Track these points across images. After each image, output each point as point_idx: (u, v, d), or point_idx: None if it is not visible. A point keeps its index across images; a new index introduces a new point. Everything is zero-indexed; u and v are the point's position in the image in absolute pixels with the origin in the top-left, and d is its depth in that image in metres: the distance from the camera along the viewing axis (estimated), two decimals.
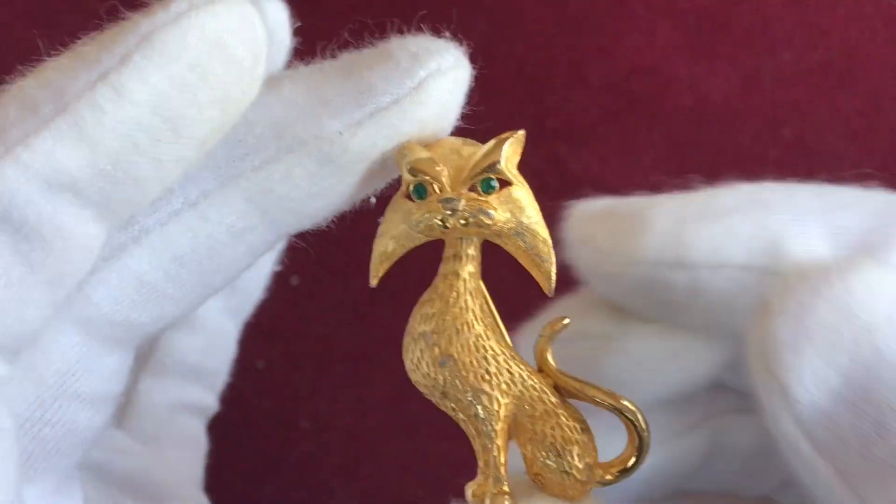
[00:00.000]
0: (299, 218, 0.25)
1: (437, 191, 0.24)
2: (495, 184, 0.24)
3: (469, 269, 0.24)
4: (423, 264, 0.27)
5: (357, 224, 0.26)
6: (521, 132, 0.24)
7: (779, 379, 0.21)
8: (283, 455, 0.45)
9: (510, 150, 0.24)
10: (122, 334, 0.25)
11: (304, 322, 0.44)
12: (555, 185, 0.42)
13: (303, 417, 0.45)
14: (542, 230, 0.24)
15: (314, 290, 0.44)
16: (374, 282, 0.25)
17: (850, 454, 0.21)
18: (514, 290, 0.26)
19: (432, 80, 0.24)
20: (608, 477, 0.24)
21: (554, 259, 0.24)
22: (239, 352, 0.35)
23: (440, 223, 0.23)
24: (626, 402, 0.24)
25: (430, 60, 0.24)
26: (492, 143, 0.24)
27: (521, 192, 0.24)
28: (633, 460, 0.24)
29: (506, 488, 0.24)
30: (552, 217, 0.25)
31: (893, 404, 0.20)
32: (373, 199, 0.26)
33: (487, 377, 0.24)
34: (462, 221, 0.23)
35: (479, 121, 0.25)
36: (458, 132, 0.25)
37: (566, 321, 0.24)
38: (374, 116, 0.24)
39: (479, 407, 0.24)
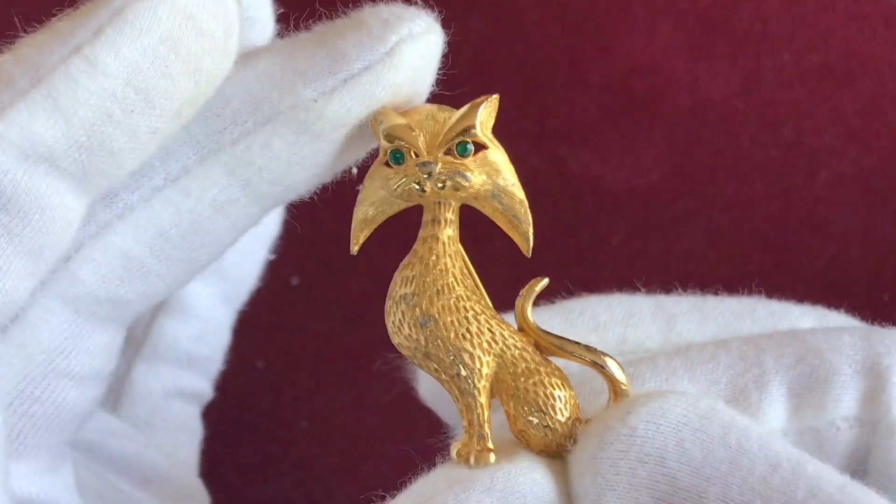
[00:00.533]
0: (281, 189, 0.26)
1: (414, 156, 0.24)
2: (471, 147, 0.24)
3: (448, 232, 0.24)
4: None
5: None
6: (496, 96, 0.25)
7: None
8: (282, 454, 0.45)
9: (485, 114, 0.24)
10: (110, 312, 0.26)
11: (304, 322, 0.44)
12: (555, 185, 0.42)
13: (302, 417, 0.45)
14: (519, 192, 0.24)
15: (314, 290, 0.44)
16: (354, 249, 0.25)
17: None
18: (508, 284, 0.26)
19: (404, 45, 0.24)
20: None
21: (531, 220, 0.24)
22: (239, 351, 0.35)
23: (417, 187, 0.24)
24: (606, 358, 0.24)
25: (402, 26, 0.24)
26: (466, 107, 0.24)
27: (497, 154, 0.24)
28: None
29: (490, 445, 0.24)
30: (556, 216, 0.25)
31: None
32: (354, 170, 0.26)
33: (469, 336, 0.24)
34: (439, 185, 0.24)
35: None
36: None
37: (545, 281, 0.25)
38: (347, 83, 0.24)
39: (460, 366, 0.24)
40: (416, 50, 0.25)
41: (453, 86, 0.28)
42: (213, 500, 0.33)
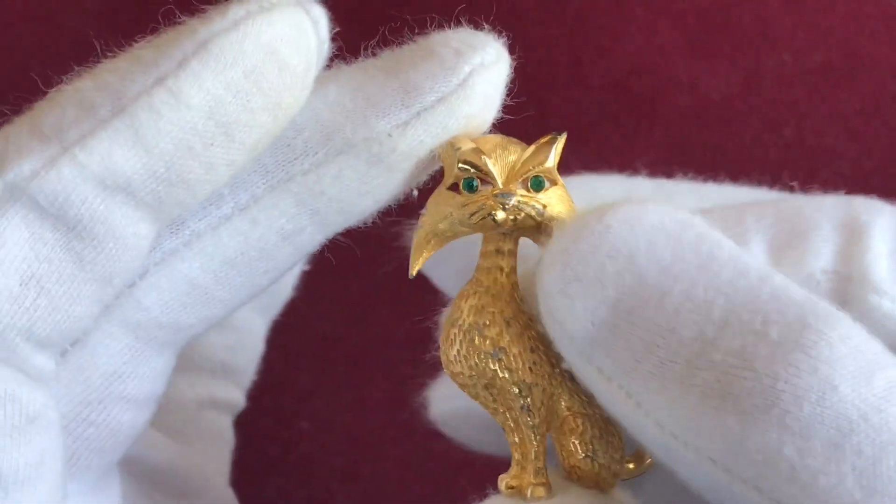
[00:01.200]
0: (348, 217, 0.25)
1: (484, 185, 0.24)
2: (545, 182, 0.24)
3: (511, 263, 0.24)
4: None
5: (357, 224, 0.26)
6: (565, 133, 0.25)
7: (558, 321, 0.23)
8: (282, 455, 0.45)
9: (557, 151, 0.24)
10: (170, 337, 0.26)
11: (304, 322, 0.44)
12: None
13: (302, 418, 0.45)
14: None
15: (314, 291, 0.44)
16: (413, 272, 0.25)
17: (630, 374, 0.22)
18: None
19: (476, 76, 0.24)
20: (637, 468, 0.25)
21: None
22: None
23: (492, 216, 0.24)
24: None
25: (474, 55, 0.24)
26: (541, 142, 0.24)
27: (563, 191, 0.24)
28: None
29: (545, 479, 0.24)
30: None
31: (654, 322, 0.22)
32: (415, 192, 0.26)
33: (535, 369, 0.24)
34: (513, 217, 0.24)
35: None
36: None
37: None
38: (421, 116, 0.24)
39: (526, 398, 0.24)
40: (488, 79, 0.24)
41: None
42: None
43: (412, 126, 0.24)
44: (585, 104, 0.42)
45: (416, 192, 0.26)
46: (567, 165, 0.28)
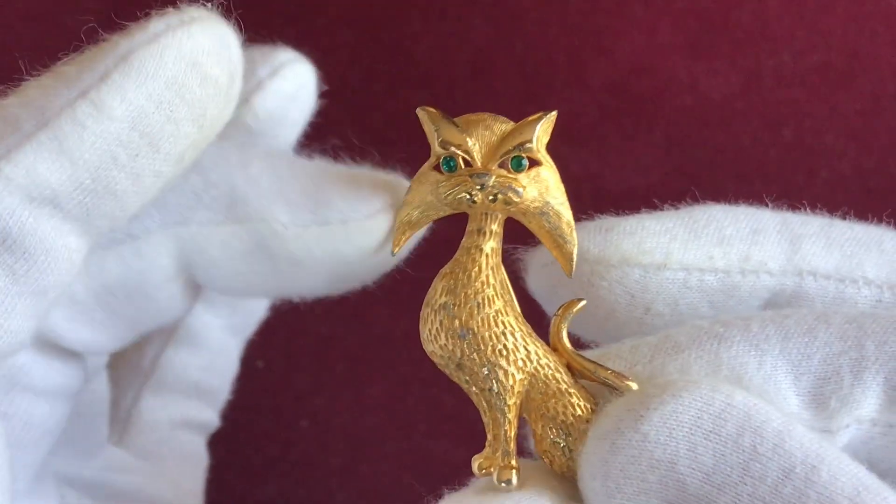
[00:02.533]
0: (216, 287, 0.27)
1: (468, 165, 0.24)
2: (525, 162, 0.24)
3: (491, 244, 0.24)
4: (422, 265, 0.27)
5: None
6: (554, 113, 0.24)
7: None
8: (282, 454, 0.45)
9: (542, 131, 0.24)
10: (61, 346, 0.26)
11: (304, 322, 0.44)
12: None
13: (302, 417, 0.45)
14: (567, 212, 0.24)
15: None
16: (395, 250, 0.25)
17: None
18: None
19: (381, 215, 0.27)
20: None
21: (576, 241, 0.24)
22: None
23: (468, 197, 0.24)
24: (632, 385, 0.24)
25: (390, 194, 0.27)
26: (524, 121, 0.24)
27: (549, 172, 0.24)
28: None
29: (514, 462, 0.24)
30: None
31: None
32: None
33: (505, 352, 0.24)
34: (490, 197, 0.24)
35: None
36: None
37: (582, 303, 0.25)
38: (322, 227, 0.26)
39: (494, 381, 0.24)
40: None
41: (454, 86, 0.28)
42: (213, 500, 0.33)
43: (310, 230, 0.25)
44: (585, 104, 0.42)
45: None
46: (566, 165, 0.28)
